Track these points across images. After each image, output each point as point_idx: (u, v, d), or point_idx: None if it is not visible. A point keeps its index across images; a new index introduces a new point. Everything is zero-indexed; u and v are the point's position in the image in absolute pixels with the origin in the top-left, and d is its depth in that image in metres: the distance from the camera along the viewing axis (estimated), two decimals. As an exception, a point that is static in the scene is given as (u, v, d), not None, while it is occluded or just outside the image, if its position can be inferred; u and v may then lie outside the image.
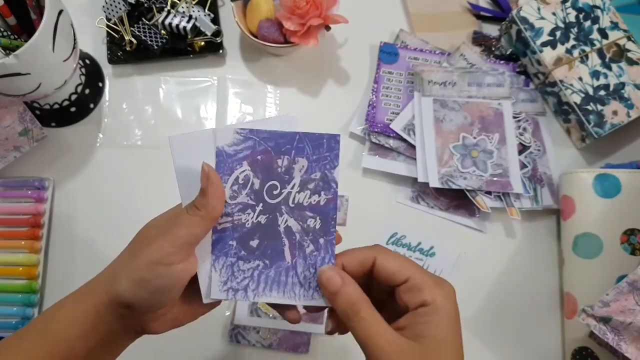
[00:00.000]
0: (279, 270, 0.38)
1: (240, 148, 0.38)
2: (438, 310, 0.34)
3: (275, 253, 0.38)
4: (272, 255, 0.38)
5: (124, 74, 0.68)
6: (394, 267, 0.36)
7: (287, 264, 0.38)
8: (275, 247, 0.38)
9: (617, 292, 0.50)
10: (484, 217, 0.65)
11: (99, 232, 0.62)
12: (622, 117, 0.64)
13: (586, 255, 0.59)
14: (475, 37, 0.71)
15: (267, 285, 0.38)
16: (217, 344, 0.59)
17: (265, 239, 0.38)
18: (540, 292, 0.63)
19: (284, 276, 0.38)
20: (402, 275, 0.35)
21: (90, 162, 0.65)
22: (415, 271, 0.35)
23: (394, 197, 0.65)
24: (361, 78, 0.70)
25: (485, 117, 0.66)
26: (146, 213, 0.66)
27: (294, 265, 0.38)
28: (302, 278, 0.38)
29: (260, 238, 0.38)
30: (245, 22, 0.66)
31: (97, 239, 0.62)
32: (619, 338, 0.50)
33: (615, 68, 0.65)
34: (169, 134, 0.40)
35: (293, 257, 0.38)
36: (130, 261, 0.37)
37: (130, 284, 0.35)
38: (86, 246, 0.62)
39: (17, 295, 0.59)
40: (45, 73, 0.53)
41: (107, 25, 0.66)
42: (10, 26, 0.58)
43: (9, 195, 0.62)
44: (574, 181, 0.61)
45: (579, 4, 0.66)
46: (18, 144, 0.61)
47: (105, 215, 0.63)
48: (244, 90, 0.68)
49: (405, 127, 0.65)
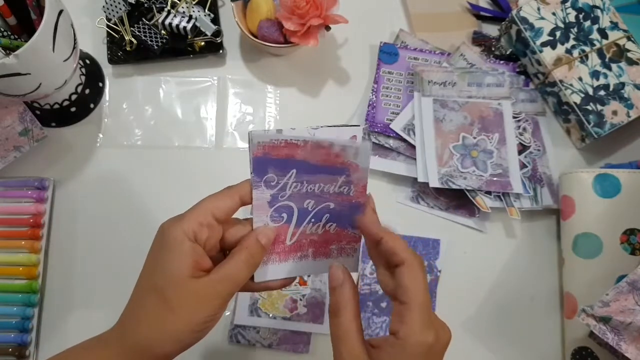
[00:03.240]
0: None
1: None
2: (405, 345, 0.34)
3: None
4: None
5: (124, 74, 0.68)
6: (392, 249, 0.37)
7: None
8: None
9: (617, 292, 0.50)
10: (484, 217, 0.65)
11: (99, 232, 0.62)
12: (621, 117, 0.64)
13: (586, 255, 0.59)
14: (475, 37, 0.71)
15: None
16: (217, 344, 0.59)
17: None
18: (540, 292, 0.63)
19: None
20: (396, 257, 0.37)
21: (91, 162, 0.65)
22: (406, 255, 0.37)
23: (394, 197, 0.65)
24: (361, 78, 0.70)
25: (485, 117, 0.66)
26: (146, 213, 0.66)
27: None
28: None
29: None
30: (245, 22, 0.66)
31: (98, 238, 0.62)
32: (619, 338, 0.50)
33: (615, 68, 0.65)
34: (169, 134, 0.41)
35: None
36: (165, 318, 0.35)
37: (175, 348, 0.36)
38: (86, 246, 0.62)
39: (17, 295, 0.59)
40: (45, 73, 0.53)
41: (107, 25, 0.66)
42: (10, 26, 0.58)
43: (9, 195, 0.62)
44: (574, 181, 0.61)
45: (579, 4, 0.67)
46: (18, 144, 0.61)
47: (105, 215, 0.63)
48: (244, 90, 0.69)
49: (405, 127, 0.65)
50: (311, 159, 0.38)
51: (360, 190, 0.40)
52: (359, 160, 0.39)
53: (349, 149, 0.38)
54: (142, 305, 0.36)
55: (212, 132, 0.66)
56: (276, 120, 0.68)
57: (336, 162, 0.39)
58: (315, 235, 0.41)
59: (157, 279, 0.36)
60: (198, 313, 0.35)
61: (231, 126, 0.67)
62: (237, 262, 0.37)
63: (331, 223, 0.41)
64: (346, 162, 0.39)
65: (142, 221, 0.62)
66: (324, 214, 0.41)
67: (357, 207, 0.41)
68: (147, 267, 0.38)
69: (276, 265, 0.41)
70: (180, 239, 0.36)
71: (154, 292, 0.36)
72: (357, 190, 0.40)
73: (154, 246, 0.38)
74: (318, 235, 0.41)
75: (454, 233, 0.64)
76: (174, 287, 0.35)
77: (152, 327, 0.35)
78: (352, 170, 0.39)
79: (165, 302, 0.35)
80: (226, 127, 0.67)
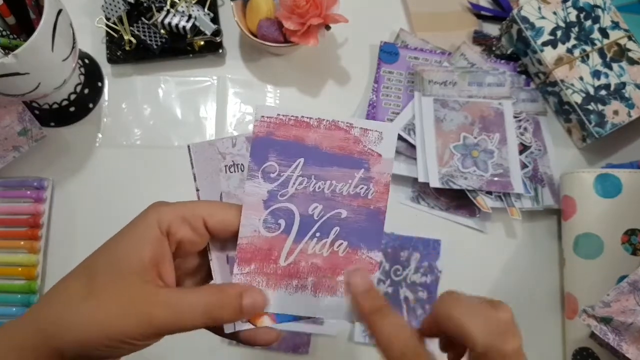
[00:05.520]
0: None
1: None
2: None
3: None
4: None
5: (124, 74, 0.68)
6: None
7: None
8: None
9: (618, 293, 0.50)
10: (485, 217, 0.65)
11: (98, 232, 0.61)
12: (623, 117, 0.64)
13: (587, 256, 0.59)
14: (475, 37, 0.71)
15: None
16: (217, 344, 0.59)
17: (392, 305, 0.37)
18: (541, 292, 0.63)
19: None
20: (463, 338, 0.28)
21: (90, 162, 0.65)
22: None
23: (394, 197, 0.65)
24: (361, 78, 0.70)
25: (486, 117, 0.65)
26: (146, 213, 0.65)
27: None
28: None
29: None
30: (245, 21, 0.66)
31: (97, 239, 0.61)
32: (620, 338, 0.50)
33: (616, 68, 0.65)
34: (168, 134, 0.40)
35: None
36: (84, 303, 0.28)
37: (77, 349, 0.28)
38: (85, 246, 0.61)
39: (16, 296, 0.59)
40: (44, 73, 0.53)
41: (106, 24, 0.66)
42: (9, 26, 0.58)
43: (8, 195, 0.62)
44: (575, 181, 0.61)
45: (580, 4, 0.66)
46: (17, 143, 0.61)
47: (104, 215, 0.63)
48: (243, 90, 0.68)
49: (406, 127, 0.65)
50: (324, 145, 0.32)
51: (381, 191, 0.33)
52: (382, 148, 0.32)
53: (371, 132, 0.32)
54: (67, 286, 0.30)
55: (212, 132, 0.66)
56: (276, 120, 0.67)
57: (354, 150, 0.32)
58: (319, 257, 0.33)
59: (100, 258, 0.31)
60: (117, 324, 0.28)
61: (231, 126, 0.67)
62: (197, 301, 0.29)
63: (341, 241, 0.33)
64: (366, 150, 0.32)
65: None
66: (332, 226, 0.33)
67: (375, 215, 0.33)
68: (104, 243, 0.32)
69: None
70: (148, 224, 0.30)
71: (87, 271, 0.30)
72: (377, 190, 0.33)
73: (129, 223, 0.32)
74: (323, 259, 0.33)
75: (455, 233, 0.64)
76: (110, 278, 0.29)
77: (66, 308, 0.29)
78: (372, 161, 0.33)
79: (91, 287, 0.29)
80: (226, 127, 0.67)
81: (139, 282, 0.29)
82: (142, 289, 0.29)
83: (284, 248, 0.32)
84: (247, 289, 0.31)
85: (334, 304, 0.33)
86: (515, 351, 0.29)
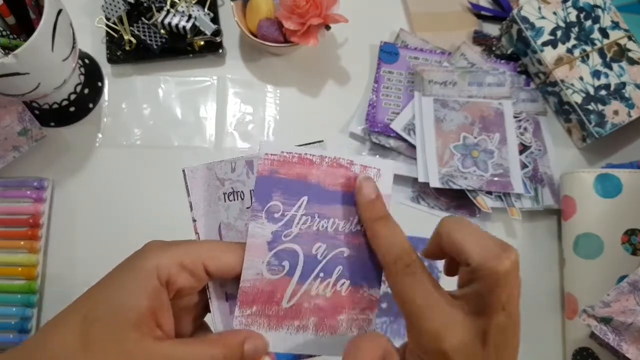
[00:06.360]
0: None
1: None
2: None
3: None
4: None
5: (124, 74, 0.68)
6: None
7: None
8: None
9: (618, 293, 0.50)
10: (485, 217, 0.65)
11: (98, 232, 0.62)
12: (623, 117, 0.64)
13: (587, 256, 0.59)
14: (475, 37, 0.71)
15: None
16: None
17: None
18: (541, 292, 0.63)
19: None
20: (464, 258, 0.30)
21: (90, 162, 0.64)
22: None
23: (395, 198, 0.65)
24: (361, 78, 0.69)
25: (486, 117, 0.65)
26: (145, 213, 0.66)
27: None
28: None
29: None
30: (245, 21, 0.66)
31: (97, 239, 0.62)
32: (620, 338, 0.50)
33: (616, 68, 0.65)
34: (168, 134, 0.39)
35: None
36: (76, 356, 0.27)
37: None
38: (85, 246, 0.62)
39: (16, 296, 0.59)
40: (44, 73, 0.53)
41: (106, 24, 0.66)
42: (9, 26, 0.58)
43: (8, 195, 0.62)
44: (575, 181, 0.61)
45: (580, 4, 0.66)
46: (17, 143, 0.61)
47: (104, 215, 0.63)
48: (243, 90, 0.68)
49: (406, 127, 0.65)
50: (327, 182, 0.32)
51: None
52: (380, 185, 0.32)
53: (370, 169, 0.32)
54: (61, 337, 0.28)
55: (212, 131, 0.66)
56: (276, 120, 0.67)
57: (354, 187, 0.32)
58: (321, 298, 0.32)
59: (96, 306, 0.28)
60: None
61: (231, 126, 0.67)
62: (200, 355, 0.28)
63: (344, 280, 0.32)
64: None
65: (141, 221, 0.62)
66: (336, 266, 0.32)
67: (375, 253, 0.32)
68: (98, 284, 0.30)
69: (262, 334, 0.32)
70: (147, 273, 0.28)
71: (82, 320, 0.28)
72: None
73: (122, 262, 0.30)
74: (325, 299, 0.32)
75: (455, 233, 0.64)
76: (106, 329, 0.27)
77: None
78: None
79: (86, 340, 0.27)
80: (226, 127, 0.67)
81: (137, 335, 0.27)
82: (141, 343, 0.27)
83: (287, 290, 0.31)
84: (249, 335, 0.30)
85: (334, 342, 0.32)
86: (508, 271, 0.30)
